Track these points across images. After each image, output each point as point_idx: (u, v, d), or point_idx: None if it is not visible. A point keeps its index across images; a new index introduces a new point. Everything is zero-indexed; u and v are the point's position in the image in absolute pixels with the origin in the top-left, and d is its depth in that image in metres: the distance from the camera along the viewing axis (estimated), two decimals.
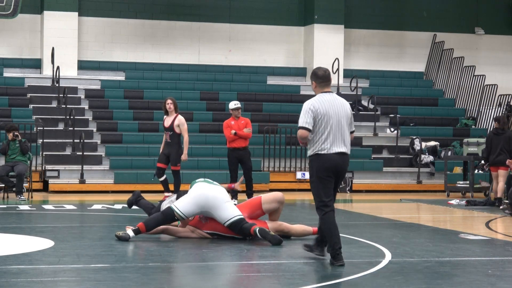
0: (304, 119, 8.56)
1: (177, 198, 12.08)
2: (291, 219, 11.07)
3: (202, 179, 10.67)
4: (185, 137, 15.66)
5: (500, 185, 16.49)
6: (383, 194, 20.78)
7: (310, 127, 8.54)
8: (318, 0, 25.49)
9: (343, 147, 8.62)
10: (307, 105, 8.65)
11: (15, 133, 16.96)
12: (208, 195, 10.34)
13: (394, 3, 26.86)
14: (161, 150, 15.85)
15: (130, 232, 10.37)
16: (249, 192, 16.37)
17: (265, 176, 20.85)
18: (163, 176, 15.76)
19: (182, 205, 10.37)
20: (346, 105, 8.77)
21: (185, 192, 10.85)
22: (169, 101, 15.77)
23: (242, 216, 10.36)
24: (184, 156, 15.63)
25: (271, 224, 10.72)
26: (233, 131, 16.38)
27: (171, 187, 15.85)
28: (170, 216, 10.34)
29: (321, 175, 8.55)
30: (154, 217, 10.60)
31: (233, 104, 16.71)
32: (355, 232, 11.66)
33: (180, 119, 15.63)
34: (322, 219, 8.65)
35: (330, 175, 8.56)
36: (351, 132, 8.81)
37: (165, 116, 15.80)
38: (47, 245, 9.98)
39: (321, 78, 8.75)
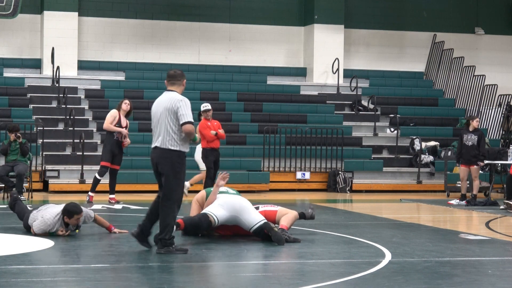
0: None
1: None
2: None
3: (224, 189, 10.96)
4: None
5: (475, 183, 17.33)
6: (383, 194, 20.78)
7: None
8: (318, 0, 25.50)
9: (156, 142, 9.44)
10: None
11: (18, 134, 16.96)
12: (236, 200, 10.70)
13: (394, 3, 26.85)
14: (107, 149, 16.07)
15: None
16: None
17: (265, 176, 20.85)
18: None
19: (215, 210, 10.58)
20: (167, 100, 9.40)
21: None
22: (128, 101, 16.12)
23: (266, 221, 10.52)
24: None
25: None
26: (213, 132, 16.73)
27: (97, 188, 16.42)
28: (206, 222, 10.45)
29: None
30: (194, 220, 10.59)
31: (204, 106, 16.91)
32: (355, 232, 11.67)
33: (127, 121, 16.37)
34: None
35: (152, 167, 9.54)
36: (182, 124, 9.37)
37: (117, 115, 16.00)
38: (47, 245, 9.98)
39: (168, 76, 9.58)
